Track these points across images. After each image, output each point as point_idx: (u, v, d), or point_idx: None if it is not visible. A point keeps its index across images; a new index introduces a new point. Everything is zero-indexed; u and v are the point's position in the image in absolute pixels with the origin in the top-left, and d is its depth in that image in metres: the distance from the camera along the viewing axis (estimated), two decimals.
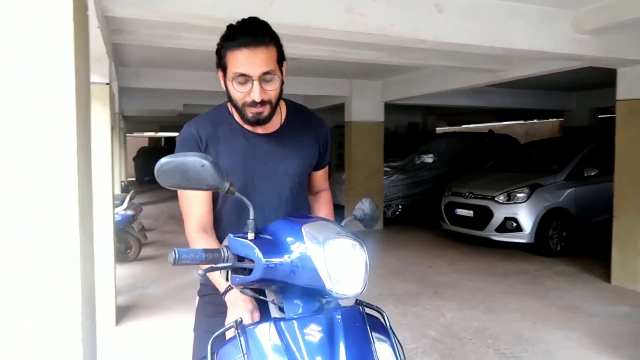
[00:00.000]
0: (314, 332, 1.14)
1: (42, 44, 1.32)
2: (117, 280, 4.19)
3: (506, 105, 9.56)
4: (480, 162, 8.40)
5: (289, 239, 1.16)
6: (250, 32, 1.34)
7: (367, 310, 1.27)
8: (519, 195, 6.24)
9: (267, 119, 1.44)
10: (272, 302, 1.27)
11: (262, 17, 1.42)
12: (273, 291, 1.25)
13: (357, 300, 1.28)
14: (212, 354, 1.19)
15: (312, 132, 1.59)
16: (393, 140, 10.48)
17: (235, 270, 1.17)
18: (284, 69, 1.44)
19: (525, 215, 6.10)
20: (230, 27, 1.37)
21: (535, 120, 15.67)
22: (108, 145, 3.82)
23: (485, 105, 9.68)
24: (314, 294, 1.17)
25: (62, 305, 1.39)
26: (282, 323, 1.15)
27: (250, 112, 1.41)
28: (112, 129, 4.28)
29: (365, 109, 8.31)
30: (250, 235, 1.19)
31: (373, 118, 8.39)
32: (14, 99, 1.30)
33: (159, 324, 3.94)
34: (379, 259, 5.92)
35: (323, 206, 1.72)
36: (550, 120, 15.03)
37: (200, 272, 1.19)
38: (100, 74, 3.72)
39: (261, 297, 1.28)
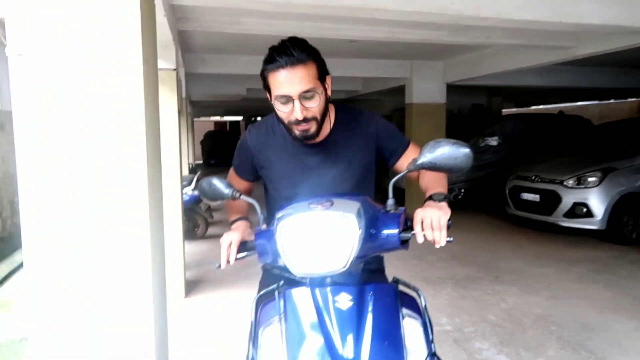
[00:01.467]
0: (345, 301, 1.20)
1: (112, 33, 1.42)
2: (186, 256, 4.45)
3: (578, 85, 8.99)
4: (549, 145, 8.00)
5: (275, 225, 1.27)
6: (287, 52, 1.36)
7: (403, 289, 1.31)
8: (590, 179, 5.91)
9: (314, 135, 1.46)
10: (297, 277, 1.31)
11: (319, 0, 1.45)
12: None
13: (394, 277, 1.36)
14: (256, 311, 1.32)
15: (362, 133, 1.57)
16: (456, 122, 10.19)
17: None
18: (327, 83, 1.46)
19: (597, 201, 5.78)
20: (270, 49, 1.41)
21: (612, 101, 14.64)
22: (176, 129, 4.03)
23: (555, 85, 9.14)
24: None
25: (134, 278, 1.50)
26: (317, 289, 1.23)
27: (297, 130, 1.44)
28: (180, 113, 4.50)
29: (427, 90, 8.13)
30: (263, 227, 1.38)
31: (434, 100, 8.21)
32: (88, 85, 1.41)
33: (224, 296, 4.16)
34: None
35: (429, 181, 1.53)
36: (629, 100, 13.99)
37: (216, 265, 1.36)
38: (167, 60, 3.92)
39: (286, 274, 1.36)
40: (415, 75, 8.06)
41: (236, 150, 1.67)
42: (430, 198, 1.39)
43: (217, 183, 1.45)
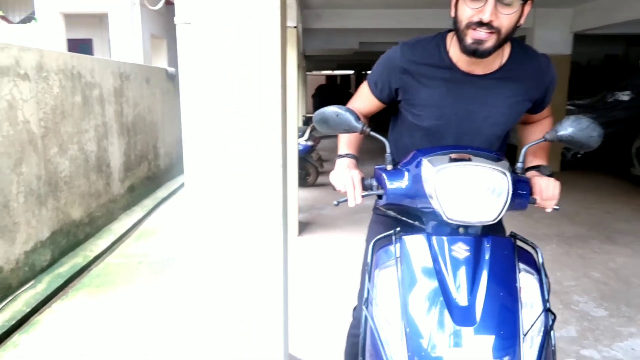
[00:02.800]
0: (461, 250, 1.22)
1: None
2: (299, 201, 4.92)
3: None
4: None
5: (414, 168, 1.29)
6: None
7: (521, 244, 1.31)
8: None
9: (487, 52, 1.29)
10: (415, 223, 1.39)
11: None
12: (420, 214, 1.36)
13: (511, 232, 1.35)
14: (373, 254, 1.37)
15: (533, 80, 1.42)
16: (583, 75, 9.41)
17: (379, 196, 1.38)
18: (526, 10, 1.29)
19: None
20: None
21: None
22: (295, 84, 4.40)
23: None
24: (444, 221, 1.23)
25: (268, 217, 1.72)
26: (433, 237, 1.25)
27: (471, 37, 1.27)
28: (298, 67, 4.86)
29: (550, 40, 7.59)
30: (389, 167, 1.36)
31: (558, 51, 7.65)
32: (238, 48, 1.70)
33: (333, 237, 4.58)
34: None
35: (534, 133, 1.57)
36: None
37: (335, 202, 1.39)
38: (290, 18, 4.24)
39: (403, 218, 1.44)
40: (539, 24, 7.55)
41: (376, 66, 1.53)
42: (537, 168, 1.44)
43: (347, 114, 1.35)
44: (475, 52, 1.29)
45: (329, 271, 3.73)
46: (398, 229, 1.34)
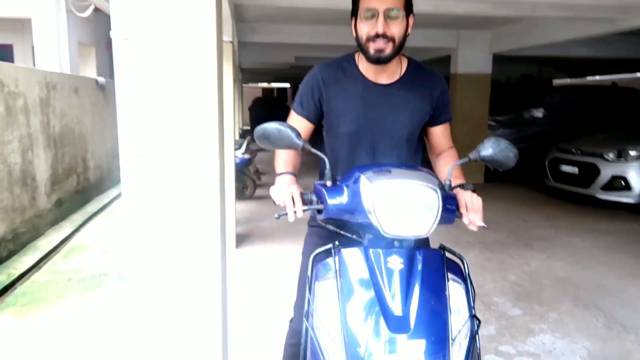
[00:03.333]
0: (396, 262, 1.30)
1: (193, 16, 1.69)
2: (236, 213, 4.94)
3: (633, 56, 8.73)
4: (599, 118, 7.93)
5: (352, 184, 1.36)
6: None
7: (449, 255, 1.41)
8: (631, 153, 5.94)
9: (388, 58, 1.53)
10: (353, 236, 1.47)
11: None
12: (357, 228, 1.44)
13: (440, 245, 1.44)
14: (313, 267, 1.42)
15: (427, 89, 1.66)
16: (503, 92, 10.13)
17: (319, 211, 1.42)
18: (411, 20, 1.57)
19: (637, 175, 5.83)
20: None
21: None
22: (231, 97, 4.44)
23: (609, 56, 8.92)
24: (381, 234, 1.30)
25: (207, 228, 1.74)
26: (370, 250, 1.34)
27: (372, 48, 1.52)
28: (234, 80, 4.91)
29: (472, 60, 8.17)
30: (328, 183, 1.42)
31: (480, 70, 8.24)
32: (175, 63, 1.73)
33: (270, 249, 4.64)
34: None
35: (447, 164, 1.71)
36: None
37: (276, 215, 1.42)
38: (226, 33, 4.30)
39: (342, 232, 1.52)
40: (462, 45, 8.09)
41: (301, 86, 1.71)
42: (462, 186, 1.53)
43: (288, 130, 1.40)
44: (378, 59, 1.53)
45: (267, 283, 3.79)
46: (337, 242, 1.41)
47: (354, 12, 1.59)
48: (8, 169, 4.37)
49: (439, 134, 1.76)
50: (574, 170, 6.47)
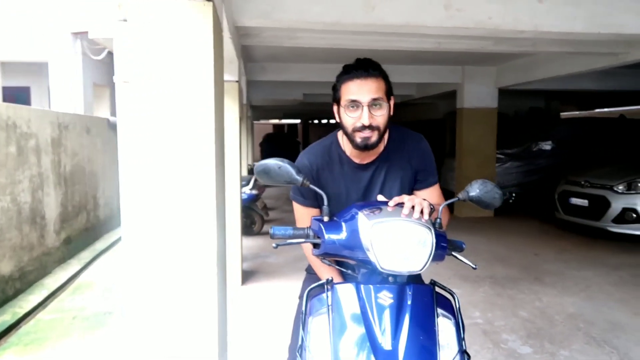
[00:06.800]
0: (386, 298, 1.33)
1: (191, 58, 1.76)
2: (243, 249, 4.93)
3: (638, 88, 8.74)
4: (607, 150, 7.88)
5: (350, 221, 1.39)
6: (362, 67, 1.56)
7: (439, 291, 1.43)
8: None
9: (374, 144, 1.58)
10: (349, 272, 1.51)
11: (365, 20, 1.69)
12: (351, 264, 1.47)
13: (431, 280, 1.47)
14: (306, 303, 1.45)
15: (406, 156, 1.72)
16: (510, 126, 10.16)
17: (315, 245, 1.46)
18: (391, 102, 1.62)
19: None
20: (345, 66, 1.60)
21: None
22: (236, 134, 4.52)
23: (615, 89, 8.94)
24: (376, 270, 1.33)
25: (203, 266, 1.79)
26: (361, 286, 1.37)
27: (359, 137, 1.56)
28: (240, 118, 4.99)
29: (478, 95, 8.25)
30: (325, 218, 1.46)
31: (486, 104, 8.30)
32: (173, 103, 1.79)
33: (276, 286, 4.60)
34: (484, 244, 6.02)
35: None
36: None
37: (274, 245, 1.46)
38: (231, 73, 4.41)
39: (338, 267, 1.55)
40: (467, 80, 8.20)
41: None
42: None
43: (288, 166, 1.45)
44: (365, 147, 1.59)
45: (271, 320, 3.73)
46: (331, 277, 1.45)
47: (336, 100, 1.63)
48: (17, 208, 4.44)
49: (427, 197, 1.74)
50: (584, 202, 6.39)
